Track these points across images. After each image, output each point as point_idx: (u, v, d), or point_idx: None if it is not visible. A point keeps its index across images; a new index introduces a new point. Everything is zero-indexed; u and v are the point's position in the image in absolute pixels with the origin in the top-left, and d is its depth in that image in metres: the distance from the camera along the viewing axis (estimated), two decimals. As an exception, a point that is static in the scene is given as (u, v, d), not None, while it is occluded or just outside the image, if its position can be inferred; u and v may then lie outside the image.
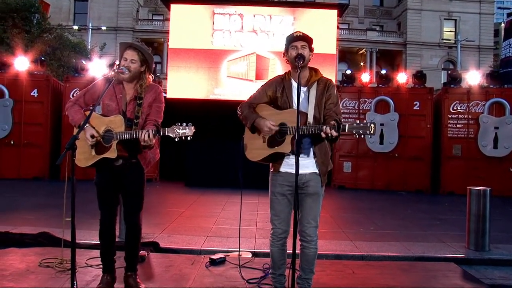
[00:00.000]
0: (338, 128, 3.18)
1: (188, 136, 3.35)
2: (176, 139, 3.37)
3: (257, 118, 3.47)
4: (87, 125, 3.54)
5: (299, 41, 3.47)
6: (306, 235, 3.49)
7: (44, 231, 5.66)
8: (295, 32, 3.53)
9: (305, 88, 3.52)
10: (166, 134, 3.39)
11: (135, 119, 3.64)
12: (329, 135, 3.17)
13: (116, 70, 3.59)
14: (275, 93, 3.56)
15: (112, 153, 3.53)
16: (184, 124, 3.36)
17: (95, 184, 3.77)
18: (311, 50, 3.52)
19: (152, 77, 3.88)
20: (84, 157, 3.62)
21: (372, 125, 3.13)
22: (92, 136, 3.54)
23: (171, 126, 3.37)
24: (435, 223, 7.95)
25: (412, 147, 12.88)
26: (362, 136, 3.19)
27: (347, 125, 3.20)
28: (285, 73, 3.65)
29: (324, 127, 3.18)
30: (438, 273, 4.72)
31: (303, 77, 3.51)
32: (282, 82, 3.59)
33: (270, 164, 3.62)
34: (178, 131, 3.34)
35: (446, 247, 6.01)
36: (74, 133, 3.61)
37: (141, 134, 3.41)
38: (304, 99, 3.49)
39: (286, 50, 3.54)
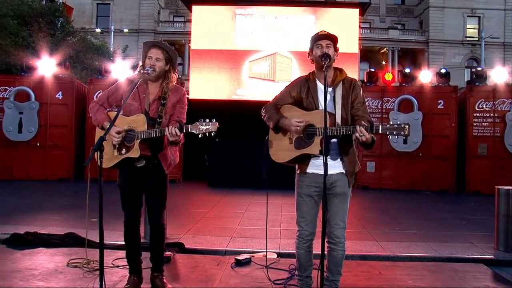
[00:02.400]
0: (371, 129, 3.13)
1: (212, 132, 3.33)
2: (200, 135, 3.34)
3: (281, 118, 3.43)
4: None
5: (324, 40, 3.43)
6: (334, 237, 3.44)
7: (70, 232, 5.73)
8: (320, 31, 3.49)
9: (331, 89, 3.47)
10: (189, 131, 3.37)
11: (158, 118, 3.65)
12: (363, 137, 3.11)
13: (141, 72, 3.60)
14: (300, 94, 3.51)
15: (134, 153, 3.54)
16: (207, 120, 3.34)
17: (118, 185, 3.79)
18: (336, 49, 3.48)
19: (177, 75, 3.89)
20: (107, 157, 3.62)
21: (407, 126, 3.07)
22: (118, 133, 3.56)
23: (194, 123, 3.37)
24: (461, 223, 7.82)
25: (437, 146, 12.70)
26: (396, 137, 3.15)
27: (380, 126, 3.14)
28: (309, 73, 3.60)
29: (357, 127, 3.14)
30: (467, 275, 4.64)
31: (328, 76, 3.46)
32: (306, 82, 3.54)
33: (297, 166, 3.59)
34: (202, 127, 3.32)
35: (474, 247, 5.90)
36: (96, 134, 3.65)
37: (168, 129, 3.40)
38: (330, 100, 3.44)
39: (311, 49, 3.50)
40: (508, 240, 5.68)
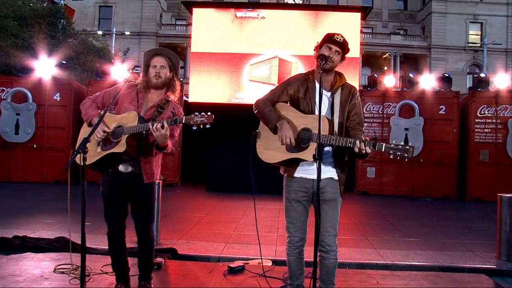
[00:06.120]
0: (374, 146, 3.01)
1: (207, 124, 3.23)
2: (194, 127, 3.25)
3: (280, 120, 3.26)
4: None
5: (336, 45, 3.27)
6: (325, 245, 3.28)
7: (61, 236, 5.60)
8: (337, 34, 3.29)
9: (329, 94, 3.35)
10: (183, 122, 3.28)
11: (152, 121, 3.52)
12: (363, 151, 3.01)
13: (130, 71, 3.49)
14: (297, 93, 3.37)
15: (120, 147, 3.39)
16: (203, 113, 3.24)
17: (101, 194, 3.64)
18: (343, 59, 3.34)
19: (179, 82, 3.79)
20: (88, 154, 3.47)
21: (411, 149, 2.98)
22: (104, 132, 3.43)
23: (189, 115, 3.27)
24: (462, 231, 7.66)
25: (438, 152, 12.54)
26: (398, 158, 3.01)
27: (384, 144, 3.03)
28: (308, 72, 3.46)
29: (358, 142, 3.02)
30: (468, 286, 4.48)
31: (327, 81, 3.35)
32: (305, 82, 3.39)
33: (283, 169, 3.44)
34: (196, 119, 3.23)
35: (475, 257, 5.74)
36: (81, 133, 3.50)
37: (154, 124, 3.28)
38: (329, 106, 3.32)
39: (320, 46, 3.34)
40: (510, 249, 5.52)
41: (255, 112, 3.45)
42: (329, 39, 3.29)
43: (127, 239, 3.75)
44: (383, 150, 3.03)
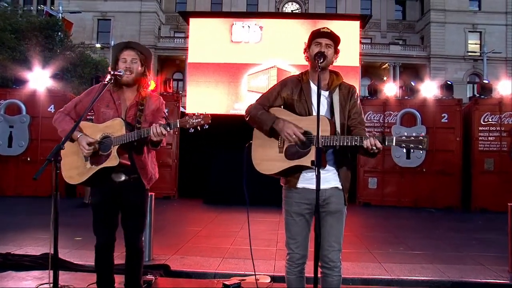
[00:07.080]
0: (384, 140, 2.74)
1: (204, 125, 2.98)
2: (191, 130, 3.00)
3: (276, 119, 2.97)
4: (81, 134, 3.17)
5: (325, 38, 3.04)
6: (328, 261, 2.99)
7: (47, 252, 5.29)
8: (322, 28, 3.08)
9: (327, 93, 3.08)
10: (178, 126, 3.03)
11: (137, 123, 3.26)
12: (374, 148, 2.74)
13: (112, 73, 3.22)
14: (292, 96, 3.10)
15: (112, 161, 3.12)
16: (198, 113, 2.98)
17: (91, 205, 3.38)
18: (336, 51, 3.09)
19: (150, 76, 3.51)
20: (78, 172, 3.21)
21: (425, 139, 2.71)
22: (89, 144, 3.15)
23: (183, 118, 3.01)
24: (470, 243, 7.33)
25: (441, 162, 12.24)
26: (412, 151, 2.74)
27: (394, 138, 2.76)
28: (302, 73, 3.20)
29: (366, 139, 2.77)
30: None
31: (322, 79, 3.06)
32: (299, 83, 3.13)
33: (283, 180, 3.15)
34: (192, 121, 2.97)
35: (486, 270, 5.43)
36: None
37: (152, 129, 3.04)
38: (327, 106, 3.04)
39: (309, 46, 3.10)
40: (523, 263, 5.22)
41: (247, 119, 3.16)
42: (316, 35, 3.08)
43: (115, 256, 3.47)
44: (394, 144, 2.78)
